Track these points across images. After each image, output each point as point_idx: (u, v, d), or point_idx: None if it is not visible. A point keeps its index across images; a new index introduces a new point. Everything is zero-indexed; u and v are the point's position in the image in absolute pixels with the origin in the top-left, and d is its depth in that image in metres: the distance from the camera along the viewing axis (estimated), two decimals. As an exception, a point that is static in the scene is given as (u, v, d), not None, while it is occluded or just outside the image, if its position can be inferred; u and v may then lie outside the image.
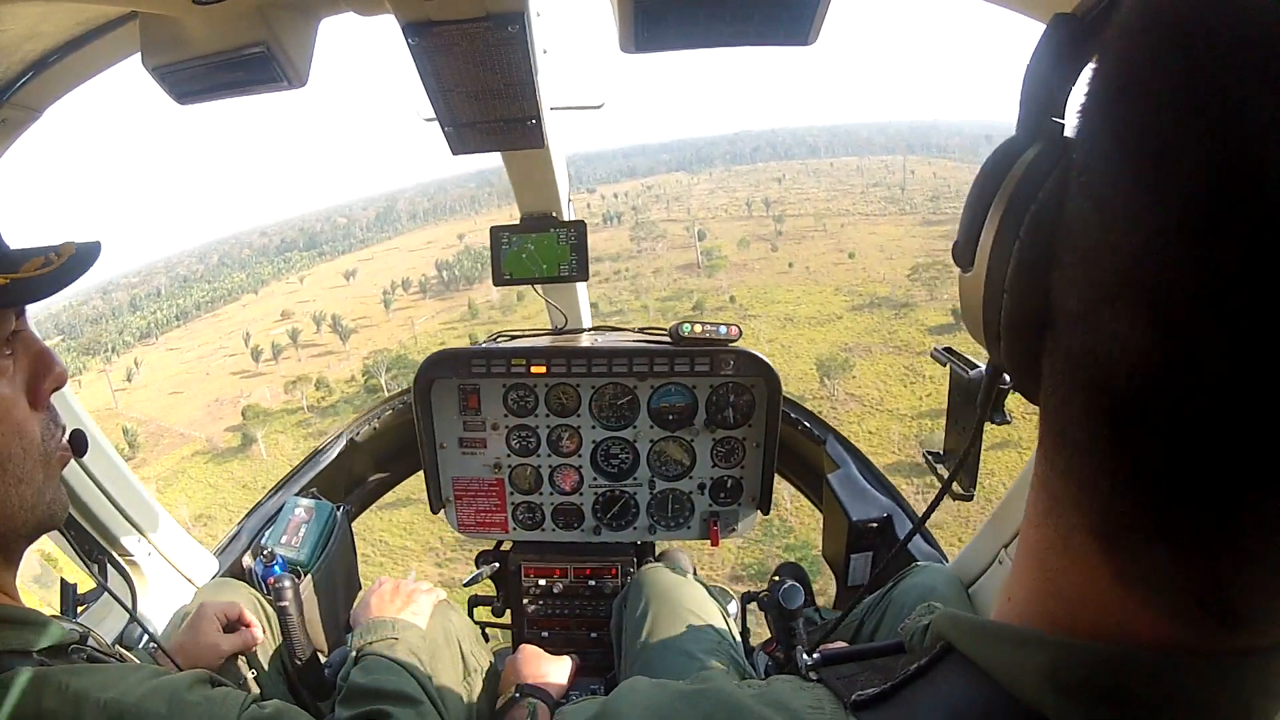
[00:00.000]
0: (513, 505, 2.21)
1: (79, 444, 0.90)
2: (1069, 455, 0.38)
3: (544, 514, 2.21)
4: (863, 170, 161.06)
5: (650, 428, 2.09)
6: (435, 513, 2.22)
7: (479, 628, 1.97)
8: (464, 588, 2.23)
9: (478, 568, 2.21)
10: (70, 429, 0.89)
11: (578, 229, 2.03)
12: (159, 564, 1.72)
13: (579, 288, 2.29)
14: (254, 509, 2.11)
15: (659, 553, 2.27)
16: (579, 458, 2.15)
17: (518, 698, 1.49)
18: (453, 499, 2.22)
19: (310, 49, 1.26)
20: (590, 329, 2.41)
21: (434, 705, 1.22)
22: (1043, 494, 0.42)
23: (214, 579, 1.80)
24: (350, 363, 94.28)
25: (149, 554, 1.70)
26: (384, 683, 1.21)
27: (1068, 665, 0.39)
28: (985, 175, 0.47)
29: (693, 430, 2.08)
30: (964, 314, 0.52)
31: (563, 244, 2.03)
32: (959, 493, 1.00)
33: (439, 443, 2.14)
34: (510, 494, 2.20)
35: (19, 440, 0.78)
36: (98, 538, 1.61)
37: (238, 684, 1.04)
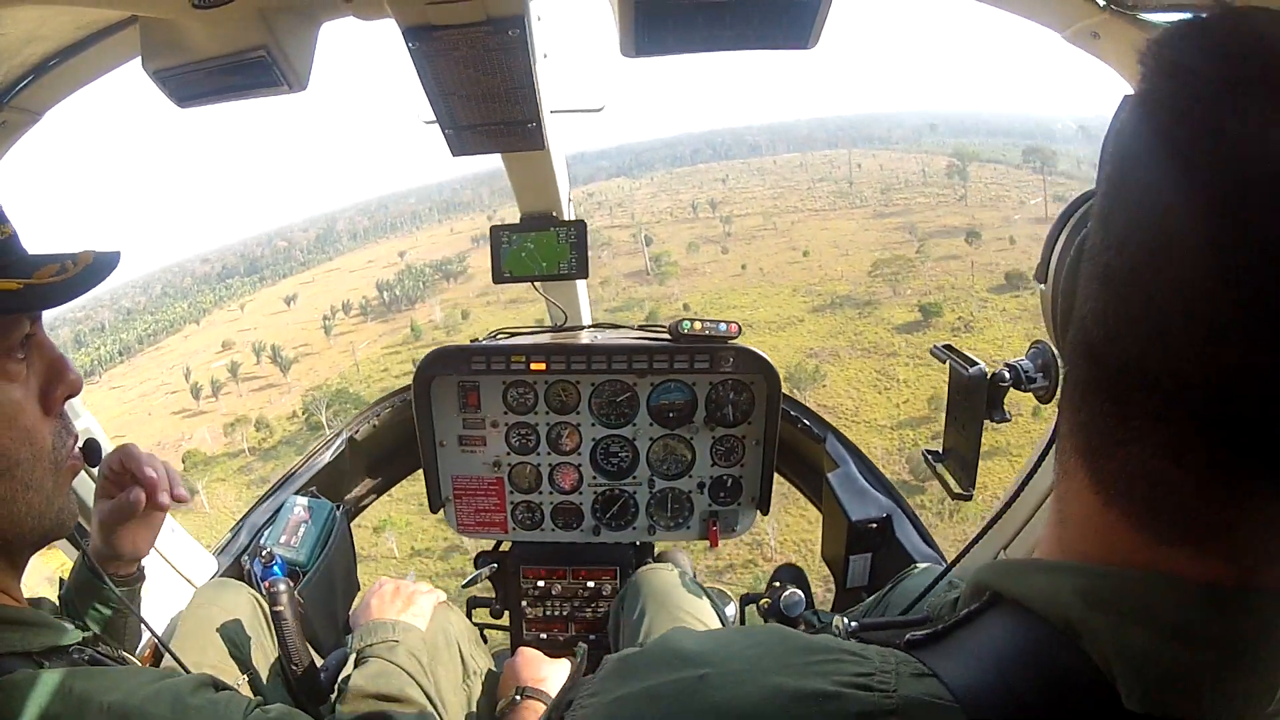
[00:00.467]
0: (512, 505, 2.21)
1: (92, 453, 0.90)
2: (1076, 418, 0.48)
3: (543, 514, 2.21)
4: (806, 166, 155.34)
5: (650, 425, 2.09)
6: (434, 512, 2.22)
7: (477, 629, 1.98)
8: (463, 589, 2.23)
9: (476, 568, 2.21)
10: (84, 438, 0.89)
11: (578, 228, 2.04)
12: (158, 564, 1.72)
13: (579, 285, 2.30)
14: (253, 507, 2.11)
15: (658, 553, 2.27)
16: (578, 456, 2.15)
17: (518, 700, 1.49)
18: (452, 498, 2.22)
19: (311, 53, 1.26)
20: (590, 326, 2.42)
21: (435, 708, 1.22)
22: (1059, 458, 0.51)
23: (213, 579, 1.79)
24: (290, 397, 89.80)
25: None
26: (385, 685, 1.21)
27: (1097, 588, 0.45)
28: (1060, 215, 0.64)
29: (692, 428, 2.08)
30: (1043, 318, 0.67)
31: (563, 242, 2.04)
32: (959, 493, 1.01)
33: (438, 440, 2.14)
34: (510, 493, 2.20)
35: (29, 445, 0.78)
36: None
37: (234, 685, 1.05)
